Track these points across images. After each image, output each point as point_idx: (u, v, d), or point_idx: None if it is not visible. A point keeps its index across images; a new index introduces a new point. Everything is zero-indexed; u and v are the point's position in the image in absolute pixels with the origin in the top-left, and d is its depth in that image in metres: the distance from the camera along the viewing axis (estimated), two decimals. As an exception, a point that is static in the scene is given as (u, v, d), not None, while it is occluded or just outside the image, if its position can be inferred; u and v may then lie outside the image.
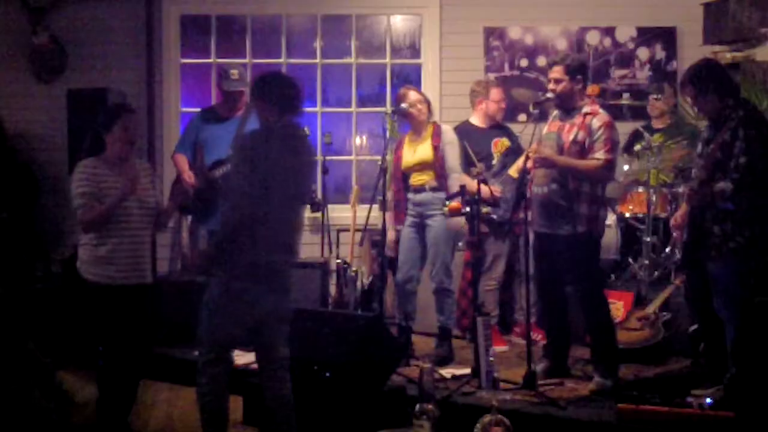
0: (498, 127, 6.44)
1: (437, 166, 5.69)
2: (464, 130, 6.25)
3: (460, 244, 6.12)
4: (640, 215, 6.46)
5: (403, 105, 5.71)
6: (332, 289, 6.56)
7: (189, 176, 6.10)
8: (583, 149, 4.97)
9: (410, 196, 5.78)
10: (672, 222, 5.04)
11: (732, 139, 4.51)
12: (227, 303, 4.09)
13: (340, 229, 6.94)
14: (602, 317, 5.12)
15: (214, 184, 6.01)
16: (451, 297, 5.72)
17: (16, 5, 7.37)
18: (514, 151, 6.19)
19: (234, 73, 6.17)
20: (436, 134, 5.74)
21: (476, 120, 6.40)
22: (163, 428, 5.13)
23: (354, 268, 6.42)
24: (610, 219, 6.20)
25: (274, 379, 4.27)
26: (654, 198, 6.32)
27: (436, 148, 5.69)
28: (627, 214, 6.57)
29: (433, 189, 5.70)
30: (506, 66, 7.54)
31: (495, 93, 6.39)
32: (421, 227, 5.73)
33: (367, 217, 5.63)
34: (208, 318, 4.16)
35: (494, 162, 6.21)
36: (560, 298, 5.22)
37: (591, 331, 5.16)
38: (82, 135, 6.48)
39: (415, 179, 5.78)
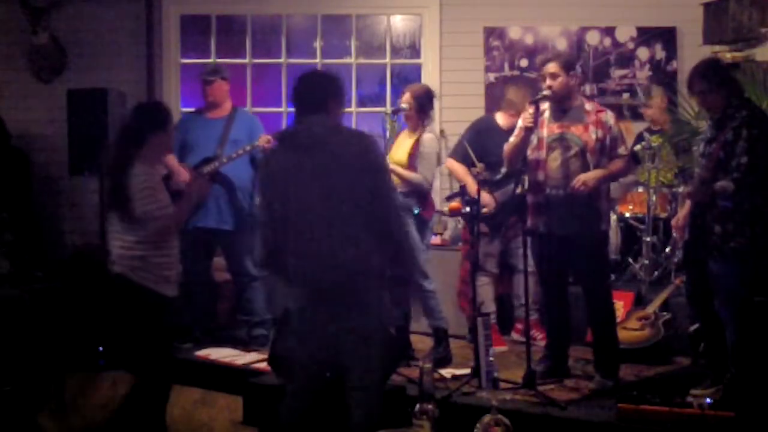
0: None
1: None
2: (486, 126, 6.16)
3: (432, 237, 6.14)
4: (640, 215, 6.47)
5: (403, 105, 5.68)
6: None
7: (184, 174, 6.14)
8: (603, 147, 4.97)
9: None
10: (673, 223, 5.05)
11: (735, 138, 4.51)
12: (292, 324, 3.76)
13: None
14: (608, 314, 5.15)
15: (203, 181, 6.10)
16: (433, 297, 5.63)
17: (16, 5, 7.35)
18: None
19: (213, 67, 6.48)
20: (417, 142, 5.59)
21: (502, 120, 6.18)
22: (164, 428, 5.12)
23: (354, 268, 6.40)
24: (611, 218, 6.17)
25: (352, 404, 3.76)
26: (654, 198, 6.32)
27: (411, 156, 5.56)
28: (627, 214, 6.58)
29: (402, 193, 5.47)
30: (506, 66, 7.54)
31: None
32: None
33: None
34: (277, 338, 3.91)
35: (502, 170, 6.10)
36: (565, 297, 5.24)
37: (595, 329, 5.15)
38: (82, 135, 6.60)
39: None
